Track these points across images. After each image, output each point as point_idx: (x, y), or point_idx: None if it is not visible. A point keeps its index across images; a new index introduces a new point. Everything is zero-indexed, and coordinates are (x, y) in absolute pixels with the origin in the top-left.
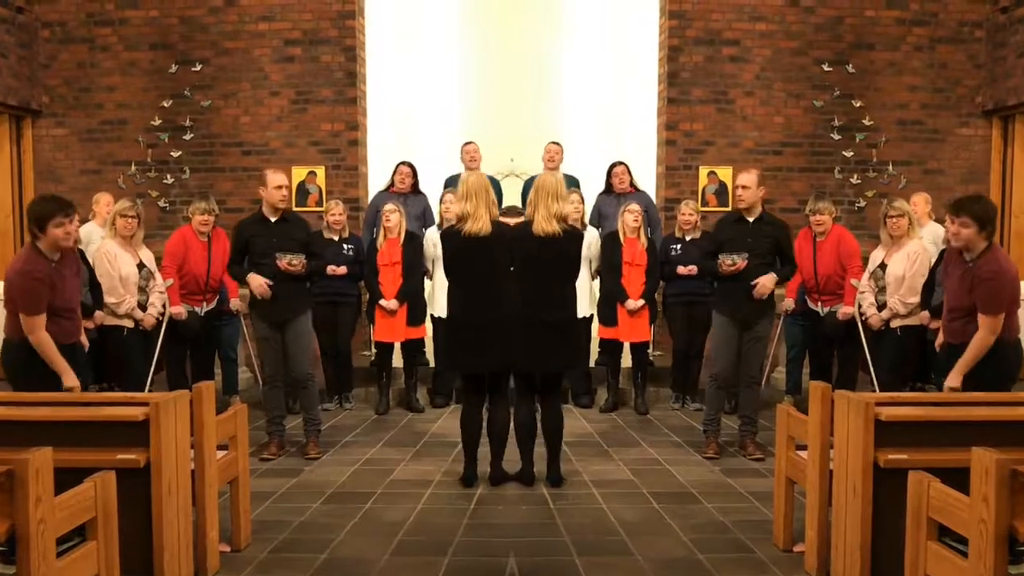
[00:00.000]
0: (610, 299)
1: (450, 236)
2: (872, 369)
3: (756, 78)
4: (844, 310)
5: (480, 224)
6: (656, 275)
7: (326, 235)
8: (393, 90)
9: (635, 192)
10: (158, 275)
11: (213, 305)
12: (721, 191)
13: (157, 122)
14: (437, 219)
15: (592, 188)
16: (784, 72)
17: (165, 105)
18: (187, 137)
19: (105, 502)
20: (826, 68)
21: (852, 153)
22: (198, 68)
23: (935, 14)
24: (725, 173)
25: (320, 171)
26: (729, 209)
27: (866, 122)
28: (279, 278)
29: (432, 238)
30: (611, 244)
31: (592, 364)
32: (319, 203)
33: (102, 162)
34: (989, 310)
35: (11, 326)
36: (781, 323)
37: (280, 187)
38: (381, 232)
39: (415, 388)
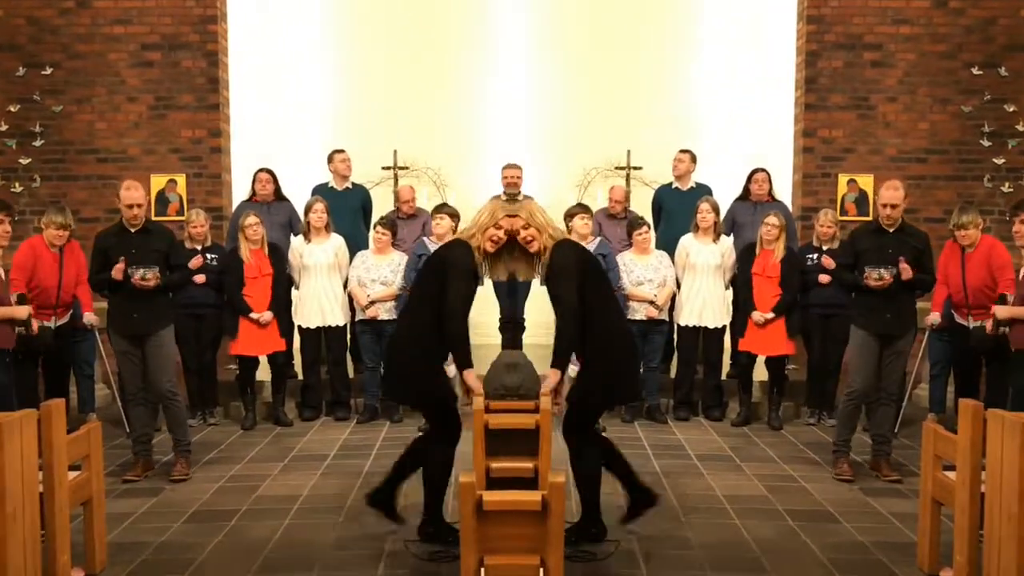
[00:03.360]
0: (745, 311)
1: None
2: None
3: (899, 83)
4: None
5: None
6: (793, 287)
7: (188, 245)
8: (258, 96)
9: (772, 201)
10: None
11: (65, 319)
12: (861, 200)
13: (3, 127)
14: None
15: (724, 196)
16: (930, 76)
17: (12, 110)
18: (37, 143)
19: None
20: (976, 72)
21: (1003, 160)
22: (48, 71)
23: None
24: (866, 181)
25: (181, 179)
26: (868, 219)
27: (1020, 127)
28: (136, 291)
29: (298, 248)
30: (746, 255)
31: (723, 376)
32: (180, 212)
33: None
34: None
35: None
36: (925, 339)
37: (131, 206)
38: (243, 244)
39: (283, 402)
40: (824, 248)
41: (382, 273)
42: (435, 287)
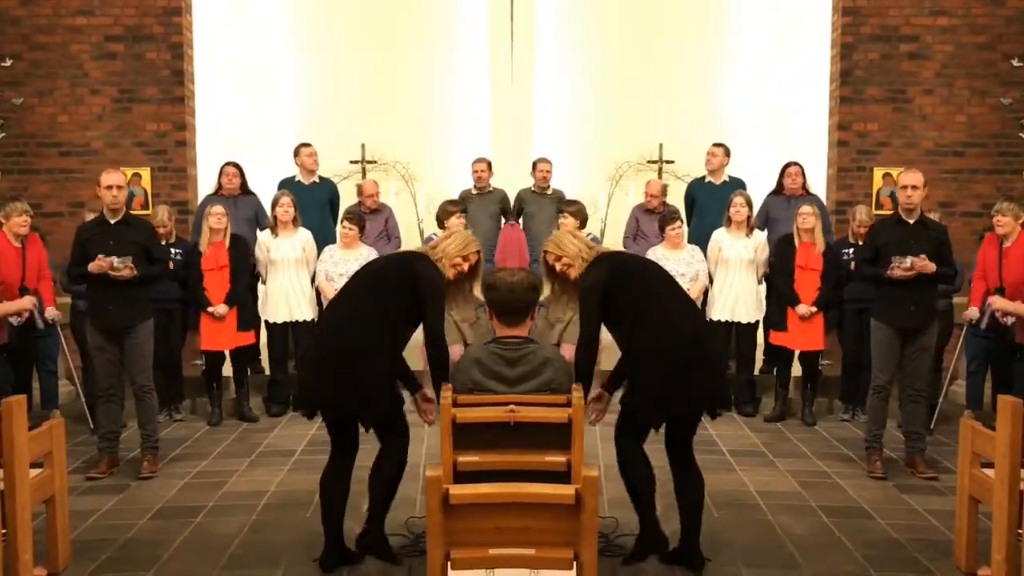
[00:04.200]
0: (781, 304)
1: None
2: None
3: (936, 75)
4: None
5: None
6: (832, 281)
7: None
8: (224, 89)
9: (806, 195)
10: None
11: (27, 316)
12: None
13: None
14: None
15: (756, 190)
16: (968, 68)
17: None
18: None
19: None
20: (1016, 63)
21: None
22: (8, 63)
23: None
24: None
25: (146, 173)
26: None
27: None
28: (112, 284)
29: (265, 242)
30: (784, 248)
31: (756, 372)
32: (145, 206)
33: None
34: None
35: None
36: (963, 335)
37: (110, 187)
38: (205, 235)
39: (247, 397)
40: (860, 243)
41: (350, 267)
42: (406, 300)
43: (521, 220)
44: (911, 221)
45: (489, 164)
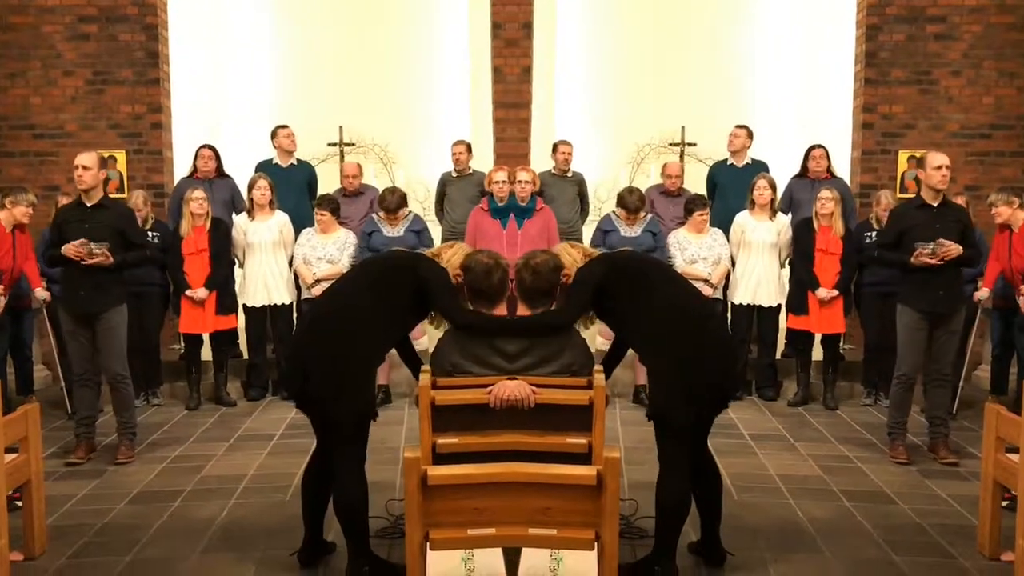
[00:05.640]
0: (801, 287)
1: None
2: None
3: (964, 56)
4: None
5: None
6: (852, 265)
7: None
8: (200, 71)
9: (831, 178)
10: None
11: (6, 299)
12: None
13: None
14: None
15: (779, 173)
16: (996, 49)
17: None
18: None
19: None
20: None
21: None
22: None
23: None
24: None
25: (121, 156)
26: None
27: None
28: (84, 268)
29: (242, 226)
30: (804, 231)
31: (778, 356)
32: (120, 190)
33: None
34: None
35: None
36: (990, 320)
37: (77, 167)
38: (185, 219)
39: (225, 382)
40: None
41: (328, 251)
42: (404, 303)
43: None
44: (935, 204)
45: (468, 146)
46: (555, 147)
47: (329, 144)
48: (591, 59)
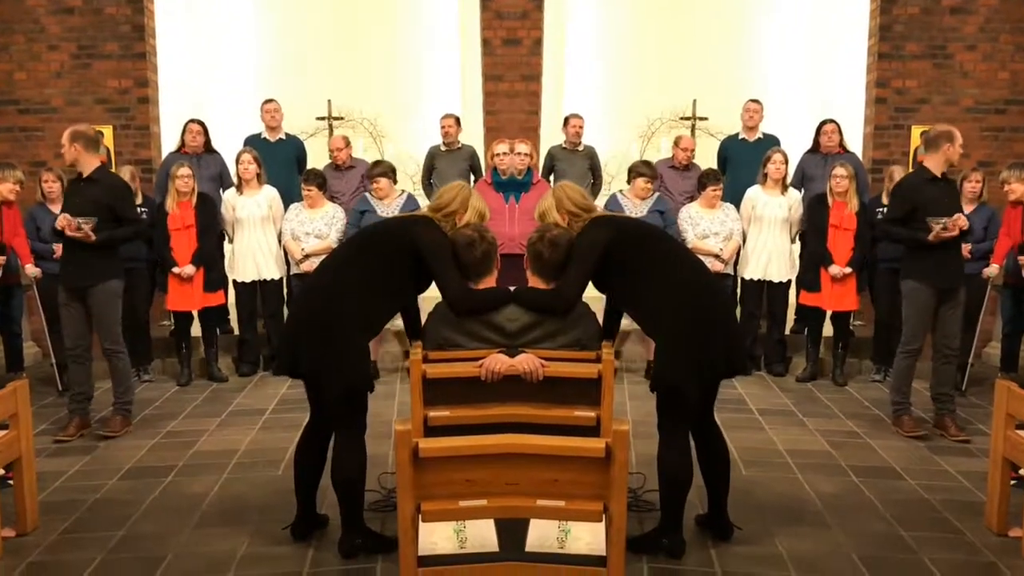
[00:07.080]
0: (814, 263)
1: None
2: None
3: (980, 30)
4: None
5: None
6: (866, 242)
7: None
8: (187, 45)
9: (843, 153)
10: None
11: None
12: None
13: None
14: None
15: (793, 148)
16: (1013, 23)
17: None
18: None
19: None
20: None
21: None
22: None
23: None
24: None
25: (108, 131)
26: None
27: None
28: (74, 242)
29: (230, 201)
30: (818, 207)
31: (787, 331)
32: (107, 165)
33: None
34: None
35: None
36: (1000, 297)
37: (62, 144)
38: (171, 194)
39: (216, 357)
40: None
41: (316, 226)
42: (400, 268)
43: (552, 178)
44: (940, 177)
45: (457, 119)
46: (566, 120)
47: (318, 118)
48: (601, 32)
